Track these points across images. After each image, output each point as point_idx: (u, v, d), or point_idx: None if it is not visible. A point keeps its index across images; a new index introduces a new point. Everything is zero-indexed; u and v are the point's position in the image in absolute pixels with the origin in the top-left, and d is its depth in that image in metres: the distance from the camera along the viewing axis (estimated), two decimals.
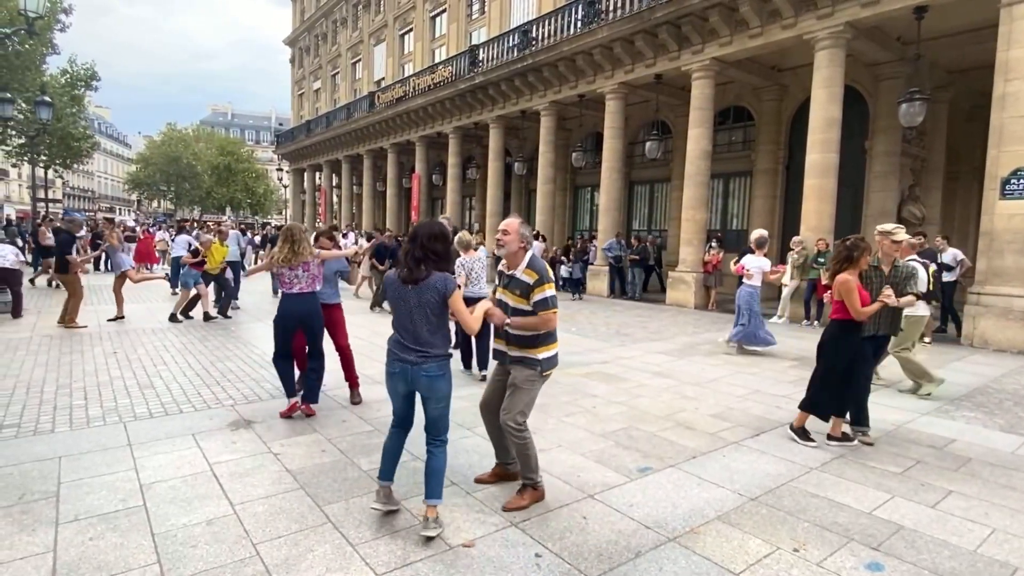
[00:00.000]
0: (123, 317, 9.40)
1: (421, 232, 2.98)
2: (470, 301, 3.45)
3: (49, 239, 14.37)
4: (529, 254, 3.23)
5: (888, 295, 4.38)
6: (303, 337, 4.99)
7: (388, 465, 3.14)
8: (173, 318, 9.53)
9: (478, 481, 3.59)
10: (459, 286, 3.11)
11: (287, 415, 4.79)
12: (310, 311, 4.85)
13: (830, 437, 4.44)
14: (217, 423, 4.59)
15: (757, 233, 8.06)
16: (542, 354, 3.23)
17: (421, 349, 2.93)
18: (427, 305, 2.91)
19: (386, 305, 10.56)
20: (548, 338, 3.25)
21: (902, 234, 4.97)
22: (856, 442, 4.43)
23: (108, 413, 4.78)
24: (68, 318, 8.71)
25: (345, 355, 5.38)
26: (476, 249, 6.68)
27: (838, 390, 4.38)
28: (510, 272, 3.27)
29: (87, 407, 4.91)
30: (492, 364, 3.44)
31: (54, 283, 11.85)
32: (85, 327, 8.63)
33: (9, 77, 21.74)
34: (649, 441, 4.41)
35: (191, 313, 9.88)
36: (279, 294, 5.20)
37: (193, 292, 9.75)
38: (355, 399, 5.29)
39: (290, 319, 4.83)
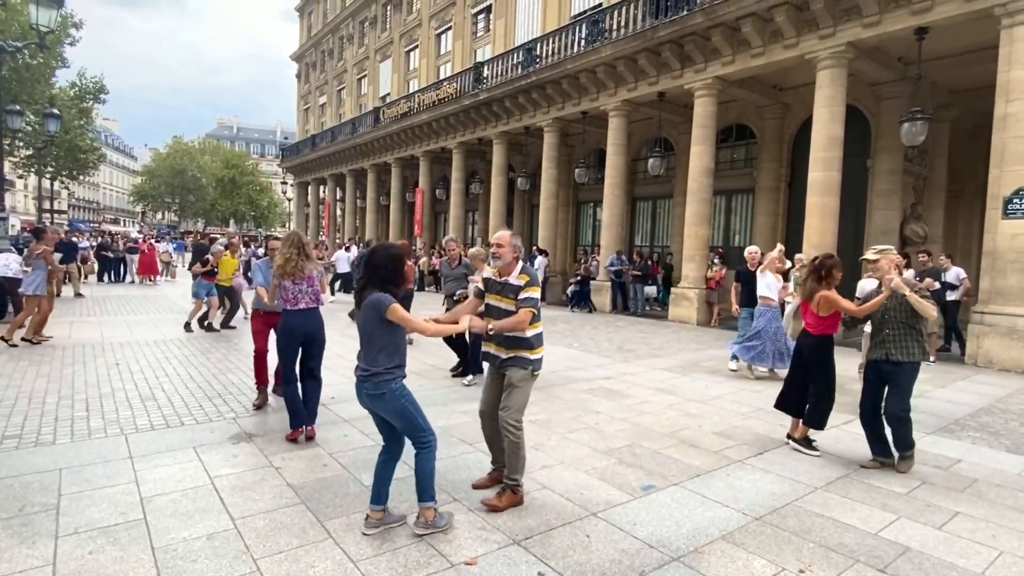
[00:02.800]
0: (49, 337, 8.38)
1: (369, 256, 3.14)
2: None
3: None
4: (520, 262, 3.52)
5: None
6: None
7: (377, 488, 3.10)
8: (187, 327, 9.72)
9: (476, 487, 3.65)
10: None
11: (293, 439, 4.50)
12: (318, 326, 4.63)
13: (793, 439, 4.73)
14: (218, 436, 4.57)
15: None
16: (534, 355, 3.48)
17: (363, 367, 3.04)
18: (366, 324, 3.03)
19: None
20: (538, 340, 3.51)
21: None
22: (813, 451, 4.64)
23: (109, 425, 4.76)
24: (33, 331, 8.19)
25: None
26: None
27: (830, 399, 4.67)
28: (502, 279, 3.50)
29: (88, 419, 4.90)
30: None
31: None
32: (49, 339, 8.27)
33: (19, 89, 22.03)
34: (653, 459, 4.38)
35: (209, 323, 9.97)
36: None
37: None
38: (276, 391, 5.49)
39: (297, 333, 4.51)
